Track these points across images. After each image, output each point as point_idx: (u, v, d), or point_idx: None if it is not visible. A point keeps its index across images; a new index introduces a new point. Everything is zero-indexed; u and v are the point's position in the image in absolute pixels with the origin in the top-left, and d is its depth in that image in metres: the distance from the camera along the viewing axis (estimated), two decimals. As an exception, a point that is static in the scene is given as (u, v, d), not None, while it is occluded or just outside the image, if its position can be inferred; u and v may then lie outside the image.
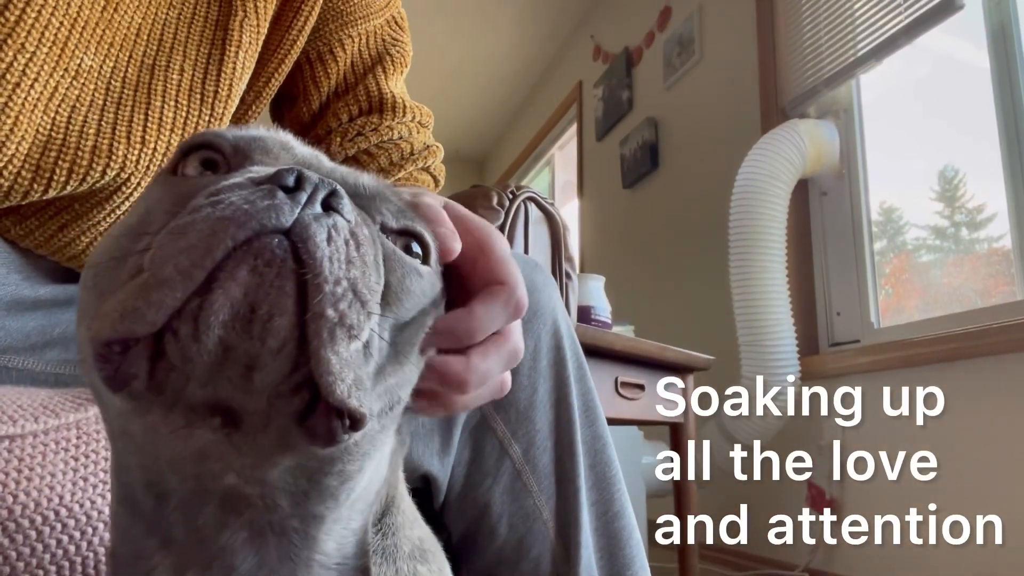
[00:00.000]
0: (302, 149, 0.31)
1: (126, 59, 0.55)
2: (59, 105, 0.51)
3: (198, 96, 0.57)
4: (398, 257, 0.28)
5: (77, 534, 0.43)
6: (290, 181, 0.24)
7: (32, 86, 0.49)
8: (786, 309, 2.11)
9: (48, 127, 0.50)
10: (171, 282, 0.22)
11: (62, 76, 0.51)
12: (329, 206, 0.25)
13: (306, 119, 0.69)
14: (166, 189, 0.27)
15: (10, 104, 0.48)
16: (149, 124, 0.54)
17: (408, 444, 0.57)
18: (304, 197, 0.24)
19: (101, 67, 0.53)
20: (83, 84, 0.52)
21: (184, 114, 0.57)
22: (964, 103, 2.07)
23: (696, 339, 2.69)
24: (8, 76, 0.48)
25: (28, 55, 0.49)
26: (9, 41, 0.48)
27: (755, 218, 2.12)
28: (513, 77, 4.88)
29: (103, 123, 0.52)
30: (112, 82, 0.54)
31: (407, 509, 0.35)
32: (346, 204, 0.25)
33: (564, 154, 4.83)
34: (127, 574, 0.28)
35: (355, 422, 0.24)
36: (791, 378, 2.10)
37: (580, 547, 0.59)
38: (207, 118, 0.58)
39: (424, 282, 0.30)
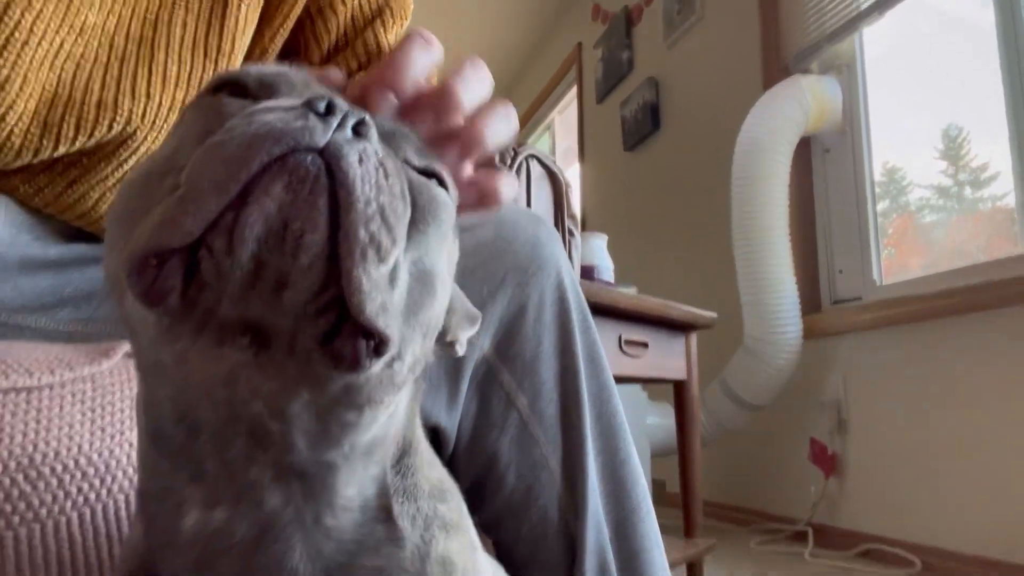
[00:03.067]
0: (322, 89, 0.31)
1: (129, 14, 0.55)
2: (64, 62, 0.51)
3: (202, 50, 0.58)
4: (424, 186, 0.29)
5: (97, 482, 0.44)
6: (321, 107, 0.25)
7: (39, 44, 0.50)
8: (788, 267, 2.11)
9: (54, 84, 0.51)
10: (207, 193, 0.22)
11: (67, 33, 0.51)
12: (358, 133, 0.25)
13: None
14: (197, 116, 0.28)
15: (19, 62, 0.49)
16: (153, 78, 0.54)
17: (423, 388, 0.58)
18: (335, 122, 0.24)
19: (105, 23, 0.53)
20: (87, 40, 0.52)
21: (188, 68, 0.57)
22: (969, 60, 2.05)
23: (699, 300, 2.70)
24: (16, 34, 0.48)
25: (35, 13, 0.49)
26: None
27: (757, 176, 2.11)
28: (511, 41, 4.82)
29: (108, 78, 0.53)
30: (116, 38, 0.54)
31: (424, 451, 0.36)
32: (375, 133, 0.26)
33: (564, 118, 4.79)
34: (156, 511, 0.29)
35: (380, 345, 0.24)
36: (793, 335, 2.11)
37: (587, 494, 0.61)
38: (211, 72, 0.58)
39: (449, 212, 0.30)
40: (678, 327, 1.41)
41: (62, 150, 0.51)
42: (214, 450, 0.27)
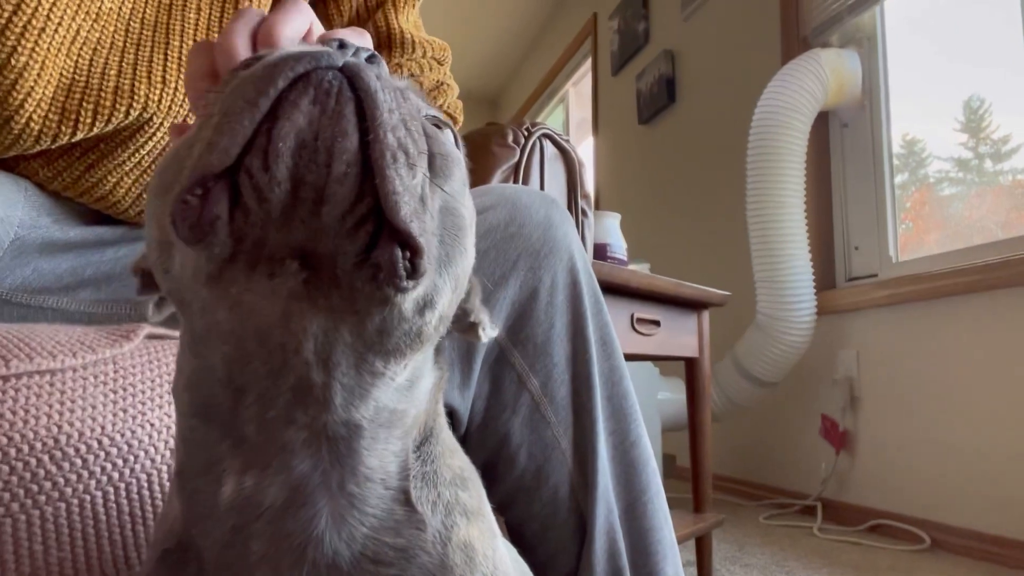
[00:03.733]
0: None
1: (143, 0, 0.55)
2: (81, 48, 0.52)
3: (216, 34, 0.58)
4: (437, 133, 0.30)
5: (120, 461, 0.45)
6: (335, 45, 0.27)
7: (56, 30, 0.50)
8: (803, 244, 2.09)
9: (71, 70, 0.51)
10: (240, 113, 0.24)
11: (84, 19, 0.51)
12: (371, 63, 0.27)
13: None
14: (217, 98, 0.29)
15: (36, 49, 0.49)
16: (169, 63, 0.55)
17: (446, 377, 0.58)
18: (350, 52, 0.26)
19: (120, 9, 0.54)
20: (103, 26, 0.53)
21: None
22: (992, 30, 2.00)
23: (712, 276, 2.70)
24: (34, 22, 0.49)
25: (51, 0, 0.49)
26: None
27: (773, 151, 2.09)
28: (525, 11, 4.76)
29: (124, 64, 0.53)
30: (131, 23, 0.54)
31: (446, 440, 0.37)
32: (383, 68, 0.27)
33: (579, 91, 4.74)
34: (197, 486, 0.30)
35: (415, 258, 0.25)
36: (807, 312, 2.11)
37: (597, 474, 0.62)
38: None
39: (461, 165, 0.31)
40: (690, 305, 1.41)
41: (80, 136, 0.52)
42: (257, 412, 0.28)
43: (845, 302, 2.17)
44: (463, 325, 0.38)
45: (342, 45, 0.27)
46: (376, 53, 0.28)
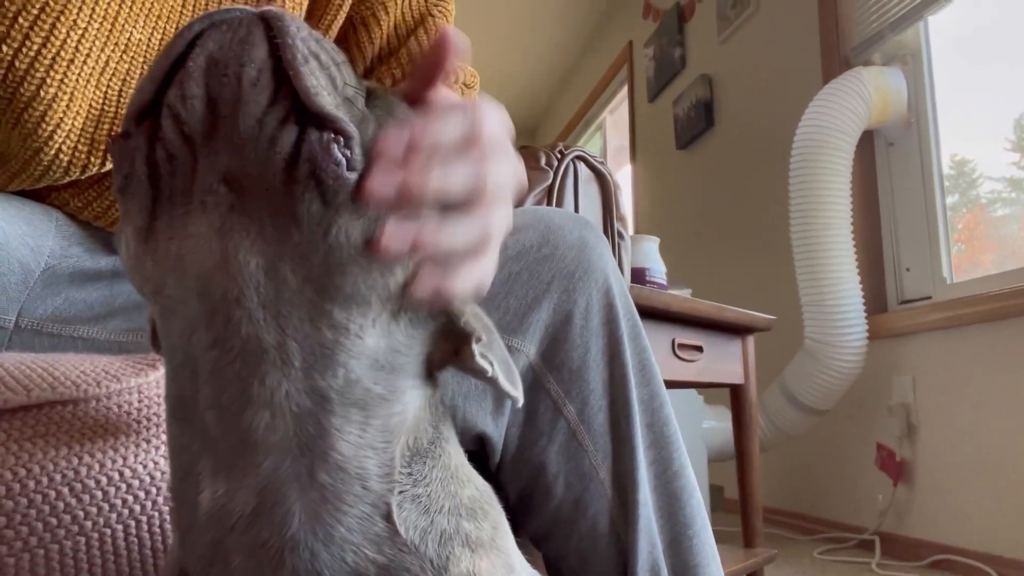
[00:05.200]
0: None
1: (173, 31, 0.55)
2: (111, 79, 0.52)
3: None
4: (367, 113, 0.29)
5: (141, 494, 0.44)
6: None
7: (85, 62, 0.50)
8: (851, 266, 2.03)
9: (101, 101, 0.52)
10: (160, 60, 0.25)
11: (112, 50, 0.52)
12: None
13: None
14: None
15: (65, 80, 0.50)
16: None
17: (457, 402, 0.57)
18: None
19: (149, 40, 0.54)
20: (132, 57, 0.53)
21: None
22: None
23: (757, 301, 2.64)
24: (62, 53, 0.49)
25: (80, 31, 0.50)
26: (62, 18, 0.48)
27: (817, 173, 2.04)
28: (561, 41, 4.80)
29: None
30: None
31: (454, 467, 0.35)
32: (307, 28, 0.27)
33: (615, 118, 4.75)
34: (181, 497, 0.30)
35: (346, 138, 0.25)
36: (857, 337, 2.03)
37: (638, 506, 0.59)
38: None
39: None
40: (734, 330, 1.37)
41: (109, 166, 0.52)
42: (213, 394, 0.27)
43: (898, 325, 2.09)
44: (453, 335, 0.33)
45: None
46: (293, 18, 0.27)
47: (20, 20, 0.47)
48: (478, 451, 0.60)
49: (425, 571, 0.30)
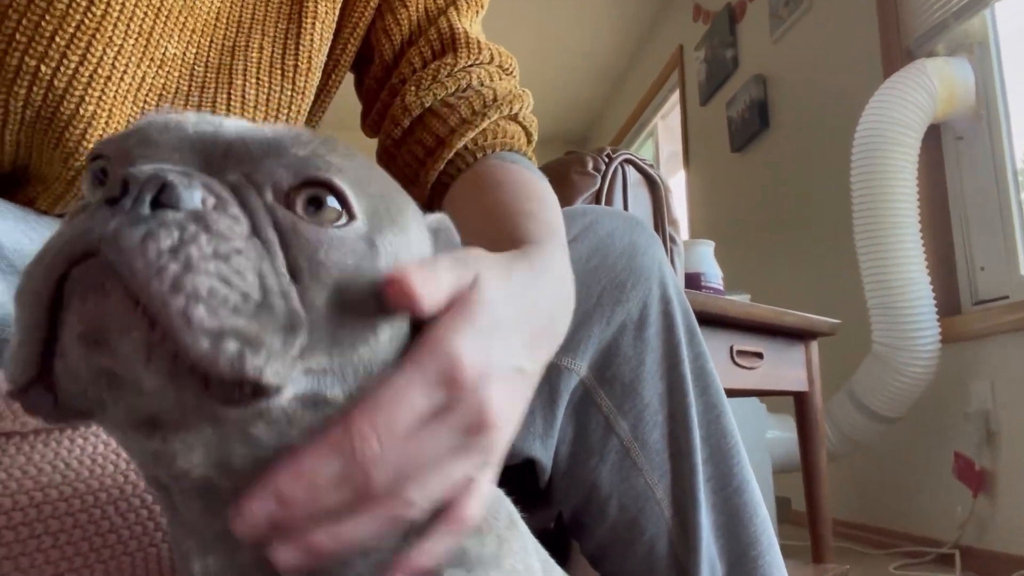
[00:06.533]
0: (196, 123, 0.29)
1: (207, 44, 0.55)
2: (147, 95, 0.52)
3: (279, 72, 0.58)
4: (298, 229, 0.26)
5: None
6: (116, 191, 0.24)
7: (122, 78, 0.50)
8: (921, 267, 1.94)
9: (138, 117, 0.52)
10: (25, 342, 0.24)
11: (148, 66, 0.52)
12: (160, 203, 0.24)
13: (380, 73, 0.66)
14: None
15: (104, 98, 0.50)
16: (232, 103, 0.55)
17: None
18: (127, 203, 0.24)
19: (184, 54, 0.54)
20: (168, 72, 0.53)
21: (266, 91, 0.57)
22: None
23: (822, 306, 2.54)
24: (99, 71, 0.49)
25: (116, 48, 0.50)
26: (98, 35, 0.49)
27: (881, 170, 1.96)
28: (610, 48, 4.77)
29: (188, 108, 0.53)
30: (195, 68, 0.55)
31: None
32: (180, 194, 0.24)
33: (667, 123, 4.68)
34: (180, 561, 0.31)
35: (260, 389, 0.24)
36: (929, 340, 1.94)
37: (700, 528, 0.56)
38: (289, 92, 0.58)
39: (337, 250, 0.27)
40: (795, 335, 1.32)
41: None
42: (186, 504, 0.28)
43: (974, 328, 1.99)
44: None
45: (125, 187, 0.24)
46: (169, 181, 0.24)
47: (57, 39, 0.47)
48: (526, 474, 0.58)
49: None
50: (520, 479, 0.39)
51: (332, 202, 0.27)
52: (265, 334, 0.24)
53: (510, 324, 0.32)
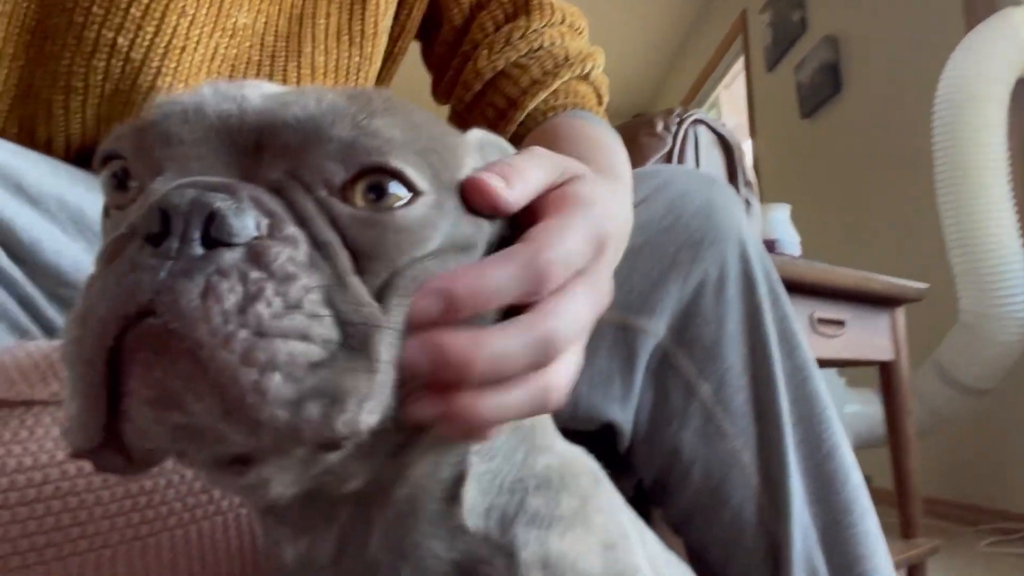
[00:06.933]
0: (216, 105, 0.26)
1: (276, 13, 0.56)
2: (220, 65, 0.53)
3: (346, 38, 0.58)
4: (360, 224, 0.24)
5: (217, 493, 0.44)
6: (156, 225, 0.21)
7: (196, 49, 0.51)
8: (1012, 229, 1.83)
9: None
10: (83, 408, 0.22)
11: (220, 36, 0.53)
12: (211, 237, 0.22)
13: (451, 38, 0.66)
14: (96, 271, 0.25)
15: (179, 69, 0.51)
16: (302, 71, 0.55)
17: (580, 389, 0.53)
18: (174, 245, 0.21)
19: (254, 24, 0.55)
20: (239, 42, 0.54)
21: (335, 57, 0.57)
22: None
23: (903, 273, 2.44)
24: (174, 41, 0.50)
25: (189, 18, 0.50)
26: (171, 5, 0.49)
27: (966, 128, 1.85)
28: (668, 16, 4.64)
29: (260, 77, 0.54)
30: (265, 37, 0.55)
31: (529, 430, 0.32)
32: (231, 225, 0.22)
33: (731, 93, 4.55)
34: (267, 545, 0.31)
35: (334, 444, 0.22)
36: (1021, 307, 1.83)
37: (790, 495, 0.53)
38: (357, 58, 0.58)
39: (409, 230, 0.25)
40: (880, 301, 1.26)
41: None
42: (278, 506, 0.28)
43: (1071, 292, 1.86)
44: None
45: (166, 222, 0.21)
46: (217, 210, 0.22)
47: (132, 10, 0.48)
48: (606, 439, 0.57)
49: (494, 558, 0.28)
50: (599, 446, 0.37)
51: (394, 187, 0.24)
52: (349, 379, 0.22)
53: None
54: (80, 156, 0.54)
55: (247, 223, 0.22)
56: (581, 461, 0.34)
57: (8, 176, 0.44)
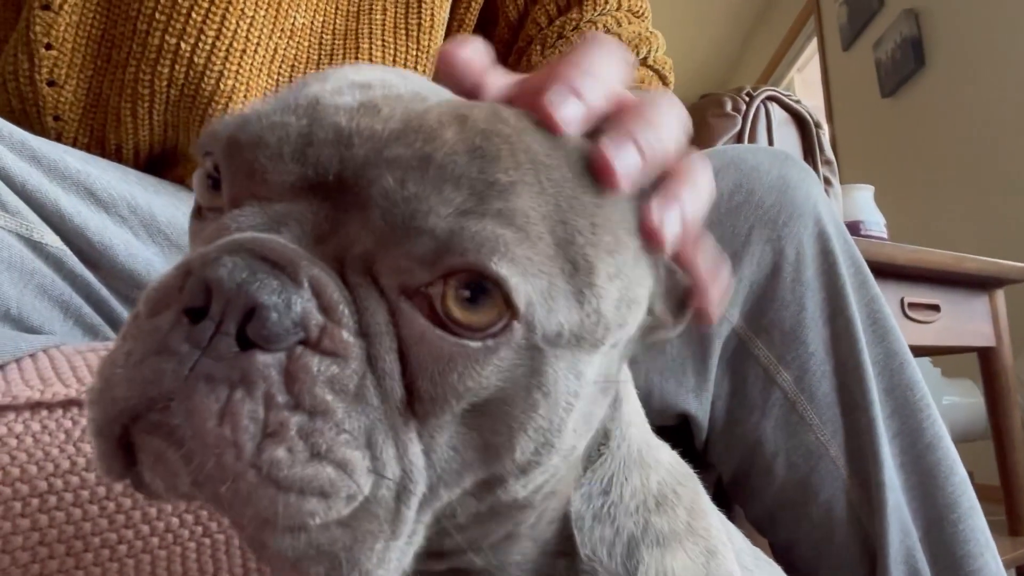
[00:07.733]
0: (322, 135, 0.22)
1: (333, 11, 0.57)
2: (280, 66, 0.54)
3: (403, 32, 0.58)
4: (426, 340, 0.20)
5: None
6: (199, 299, 0.19)
7: (256, 50, 0.52)
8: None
9: (273, 88, 0.53)
10: (104, 453, 0.21)
11: (279, 37, 0.53)
12: (247, 337, 0.19)
13: (507, 36, 0.66)
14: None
15: (240, 71, 0.51)
16: None
17: (653, 379, 0.51)
18: (208, 332, 0.19)
19: (312, 23, 0.55)
20: (298, 42, 0.55)
21: (392, 51, 0.58)
22: None
23: (1002, 255, 2.29)
24: (235, 44, 0.51)
25: (248, 20, 0.51)
26: (230, 9, 0.50)
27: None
28: (735, 4, 4.51)
29: None
30: (323, 36, 0.56)
31: (638, 451, 0.30)
32: (271, 329, 0.19)
33: (804, 77, 4.38)
34: None
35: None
36: None
37: (884, 488, 0.49)
38: (414, 52, 0.58)
39: (489, 366, 0.20)
40: (977, 284, 1.17)
41: None
42: None
43: None
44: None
45: (207, 297, 0.19)
46: (260, 304, 0.19)
47: (193, 15, 0.49)
48: (681, 430, 0.54)
49: None
50: (674, 441, 0.36)
51: (491, 292, 0.20)
52: (368, 542, 0.20)
53: None
54: (149, 162, 0.56)
55: (294, 322, 0.19)
56: (682, 468, 0.33)
57: (79, 183, 0.45)
